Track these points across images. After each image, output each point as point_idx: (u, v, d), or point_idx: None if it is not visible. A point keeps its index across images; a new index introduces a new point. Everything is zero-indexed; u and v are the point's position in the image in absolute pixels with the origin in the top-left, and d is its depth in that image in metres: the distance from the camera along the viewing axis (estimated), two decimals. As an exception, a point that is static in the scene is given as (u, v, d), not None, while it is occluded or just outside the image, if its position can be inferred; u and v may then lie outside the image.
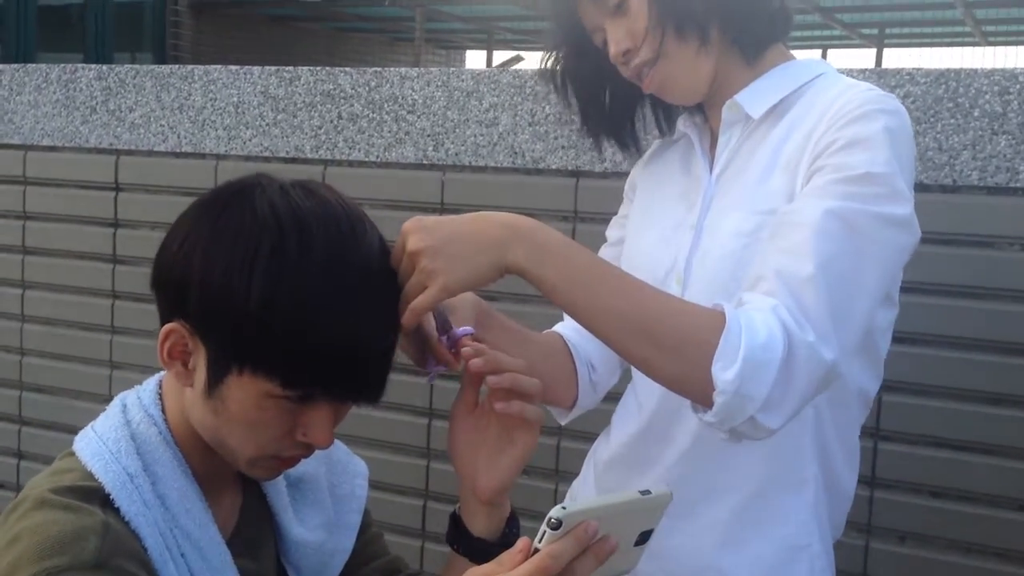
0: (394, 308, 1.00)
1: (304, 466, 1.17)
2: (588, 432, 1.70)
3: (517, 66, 9.46)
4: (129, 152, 2.28)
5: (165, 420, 1.06)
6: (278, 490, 1.16)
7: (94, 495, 0.98)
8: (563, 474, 1.81)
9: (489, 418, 1.05)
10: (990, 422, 1.55)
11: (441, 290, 0.98)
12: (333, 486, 1.21)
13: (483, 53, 13.17)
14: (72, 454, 1.04)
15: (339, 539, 1.20)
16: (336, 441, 1.22)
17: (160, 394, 1.08)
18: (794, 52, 1.24)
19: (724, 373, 0.97)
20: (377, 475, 1.37)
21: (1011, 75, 1.53)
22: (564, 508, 0.77)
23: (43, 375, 2.40)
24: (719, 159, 1.21)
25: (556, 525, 0.77)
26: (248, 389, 0.97)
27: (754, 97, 1.19)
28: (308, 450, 1.03)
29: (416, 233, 0.99)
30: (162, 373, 1.10)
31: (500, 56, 13.08)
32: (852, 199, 1.03)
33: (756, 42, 1.20)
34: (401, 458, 1.98)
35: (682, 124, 1.29)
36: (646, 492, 0.83)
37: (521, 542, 0.79)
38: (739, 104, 1.19)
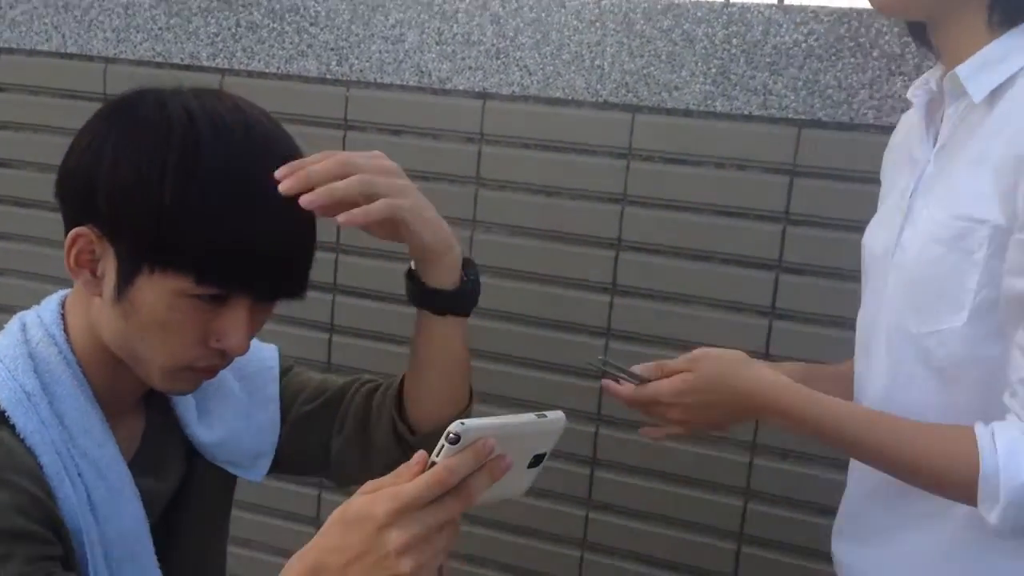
0: (300, 211, 0.97)
1: None
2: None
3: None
4: (10, 51, 2.15)
5: (67, 340, 1.04)
6: (185, 403, 1.15)
7: None
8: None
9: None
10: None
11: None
12: (238, 368, 1.19)
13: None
14: None
15: (259, 416, 1.21)
16: None
17: (62, 314, 1.06)
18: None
19: (990, 514, 0.99)
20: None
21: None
22: (463, 424, 0.78)
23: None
24: (942, 132, 1.12)
25: (455, 440, 0.78)
26: (159, 289, 0.96)
27: (978, 73, 1.06)
28: (223, 358, 1.03)
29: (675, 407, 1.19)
30: (63, 292, 1.09)
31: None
32: None
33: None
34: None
35: (914, 87, 1.20)
36: (542, 415, 0.85)
37: (418, 455, 0.80)
38: (960, 81, 1.07)
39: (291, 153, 1.01)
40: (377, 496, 0.79)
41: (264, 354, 1.24)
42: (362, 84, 1.89)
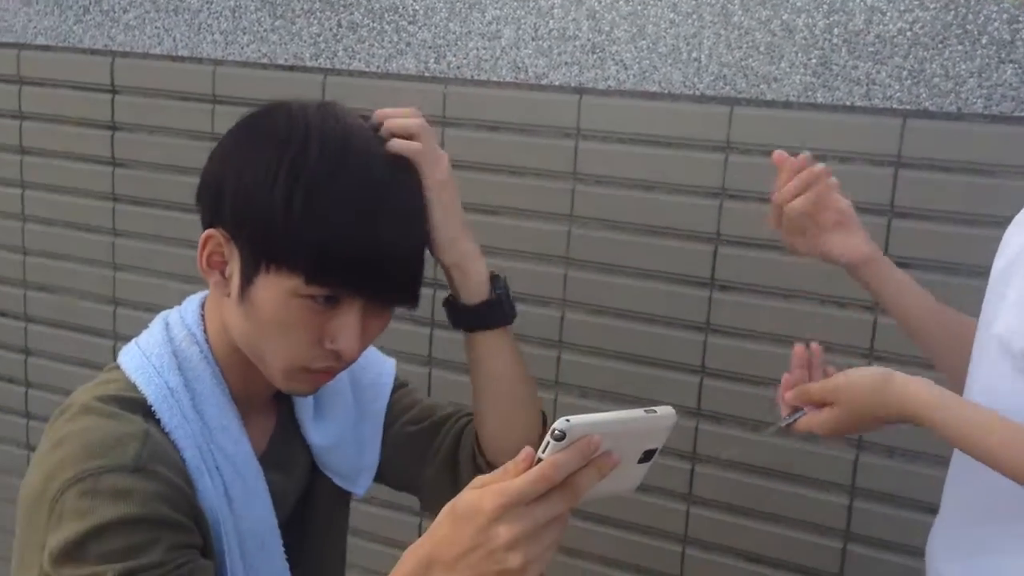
0: (415, 220, 1.06)
1: None
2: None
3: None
4: (124, 54, 2.24)
5: (207, 340, 1.10)
6: (304, 405, 1.20)
7: (137, 405, 1.04)
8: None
9: None
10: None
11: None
12: (354, 379, 1.25)
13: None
14: (117, 367, 1.10)
15: (365, 428, 1.25)
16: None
17: (202, 315, 1.12)
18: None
19: None
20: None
21: (1020, 3, 1.50)
22: (568, 420, 0.78)
23: (44, 274, 2.42)
24: None
25: (560, 436, 0.78)
26: (275, 288, 1.01)
27: None
28: (338, 360, 1.07)
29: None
30: (203, 294, 1.15)
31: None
32: None
33: None
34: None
35: None
36: (651, 410, 0.84)
37: (524, 451, 0.81)
38: None
39: (406, 166, 1.07)
40: (485, 491, 0.80)
41: (383, 368, 1.29)
42: (459, 81, 1.91)
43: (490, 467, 1.18)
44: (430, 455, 1.26)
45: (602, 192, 1.82)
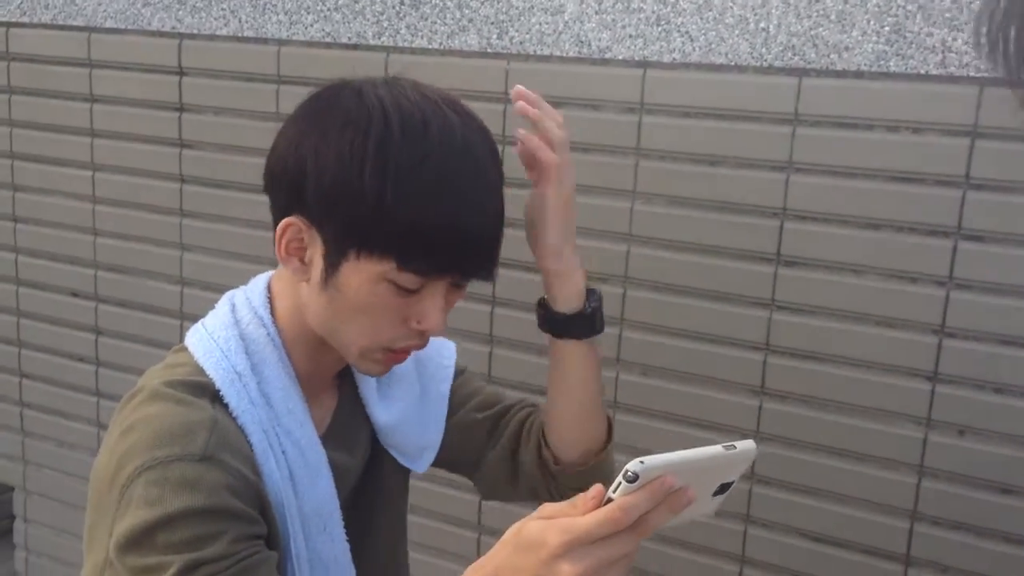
0: (500, 195, 1.05)
1: None
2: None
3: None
4: (191, 36, 2.27)
5: (274, 322, 1.10)
6: (368, 382, 1.21)
7: (205, 390, 1.05)
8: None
9: (536, 183, 1.14)
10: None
11: None
12: (419, 361, 1.26)
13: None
14: (184, 349, 1.11)
15: (430, 410, 1.26)
16: None
17: (269, 296, 1.12)
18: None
19: None
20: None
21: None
22: (642, 463, 0.76)
23: (115, 255, 2.47)
24: None
25: (633, 478, 0.76)
26: (363, 273, 1.01)
27: None
28: (421, 338, 1.07)
29: None
30: (269, 274, 1.15)
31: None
32: None
33: None
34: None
35: None
36: (730, 447, 0.81)
37: (595, 488, 0.80)
38: None
39: (485, 139, 1.05)
40: (551, 524, 0.79)
41: (444, 351, 1.30)
42: (522, 57, 1.90)
43: (556, 462, 1.21)
44: (492, 443, 1.28)
45: (666, 167, 1.80)
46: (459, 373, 1.31)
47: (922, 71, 1.58)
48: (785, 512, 1.78)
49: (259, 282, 1.14)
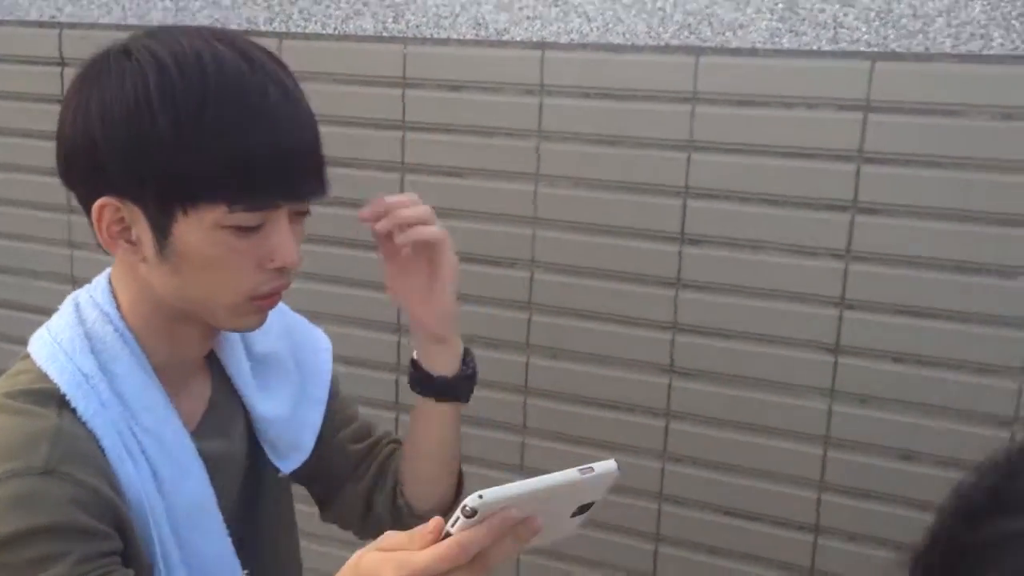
0: (303, 102, 1.01)
1: (267, 343, 1.18)
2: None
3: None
4: (72, 25, 2.17)
5: (121, 316, 1.04)
6: (241, 369, 1.16)
7: (50, 397, 0.98)
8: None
9: (412, 260, 1.13)
10: (955, 289, 1.58)
11: None
12: (299, 362, 1.22)
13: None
14: (28, 356, 1.03)
15: (307, 412, 1.22)
16: (296, 316, 1.23)
17: (112, 290, 1.06)
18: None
19: None
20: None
21: (988, -61, 1.49)
22: (481, 496, 0.73)
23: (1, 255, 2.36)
24: None
25: (471, 513, 0.74)
26: (197, 228, 0.96)
27: None
28: (283, 276, 1.02)
29: None
30: (109, 270, 1.08)
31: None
32: None
33: None
34: (373, 333, 1.99)
35: None
36: (587, 470, 0.78)
37: (433, 522, 0.77)
38: None
39: (250, 49, 0.99)
40: (389, 559, 0.77)
41: (319, 345, 1.26)
42: (419, 40, 1.87)
43: (408, 509, 1.24)
44: (356, 477, 1.28)
45: (568, 149, 1.79)
46: (334, 383, 1.27)
47: (815, 47, 1.60)
48: (697, 488, 1.80)
49: (100, 279, 1.08)
